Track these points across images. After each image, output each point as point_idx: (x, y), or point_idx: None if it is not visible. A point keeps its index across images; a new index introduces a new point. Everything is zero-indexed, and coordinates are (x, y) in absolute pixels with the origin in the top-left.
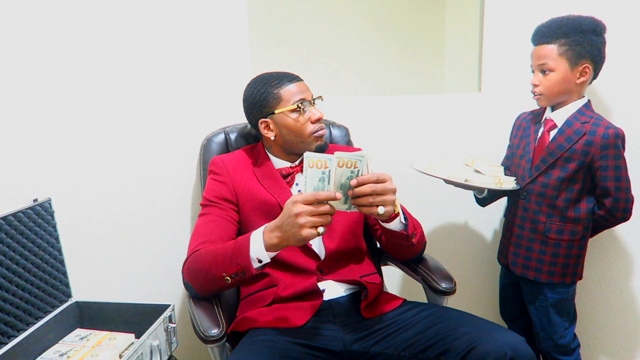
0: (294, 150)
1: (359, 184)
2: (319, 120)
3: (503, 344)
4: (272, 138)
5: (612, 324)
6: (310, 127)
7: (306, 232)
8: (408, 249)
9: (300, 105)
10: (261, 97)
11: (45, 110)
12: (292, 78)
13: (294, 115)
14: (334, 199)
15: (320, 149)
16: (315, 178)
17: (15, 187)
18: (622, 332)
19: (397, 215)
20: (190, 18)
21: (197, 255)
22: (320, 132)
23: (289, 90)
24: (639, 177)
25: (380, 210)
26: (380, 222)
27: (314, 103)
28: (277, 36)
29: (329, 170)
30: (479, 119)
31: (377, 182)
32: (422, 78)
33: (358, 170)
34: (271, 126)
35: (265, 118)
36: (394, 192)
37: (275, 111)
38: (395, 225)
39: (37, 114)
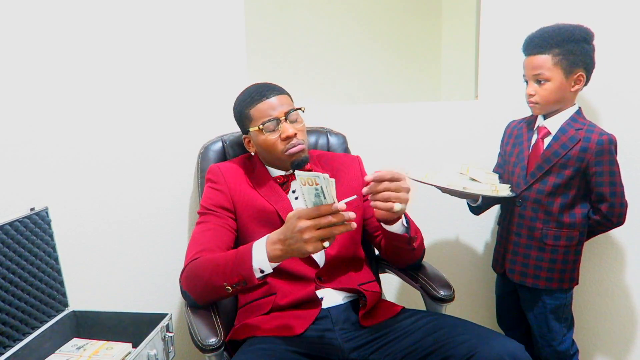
0: (275, 165)
1: (376, 180)
2: (289, 138)
3: (502, 352)
4: (253, 154)
5: (609, 329)
6: (281, 146)
7: (311, 247)
8: (408, 254)
9: (261, 126)
10: (238, 115)
11: (42, 119)
12: (262, 95)
13: (262, 135)
14: (337, 210)
15: (297, 166)
16: (312, 194)
17: (12, 196)
18: (619, 337)
19: (399, 217)
20: (188, 26)
21: (195, 264)
22: (291, 150)
23: (257, 109)
24: (630, 182)
25: (397, 207)
26: (383, 224)
27: (286, 119)
28: (274, 44)
29: (321, 187)
30: (475, 126)
31: (391, 179)
32: (419, 86)
33: (321, 187)
34: (251, 142)
35: (247, 134)
36: (408, 190)
37: (250, 129)
38: (397, 227)
39: (34, 123)
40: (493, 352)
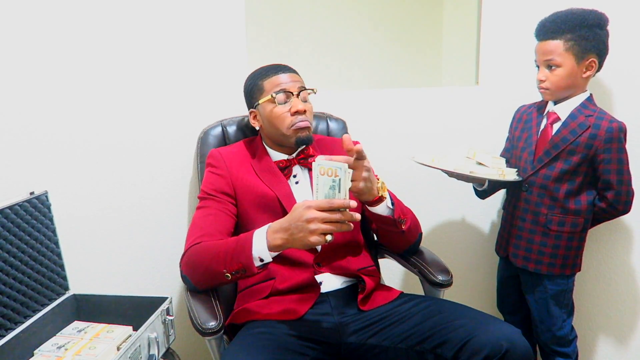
0: (278, 142)
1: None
2: (298, 112)
3: (499, 336)
4: (257, 128)
5: (609, 316)
6: (289, 120)
7: (315, 238)
8: (400, 237)
9: (273, 95)
10: (249, 88)
11: (42, 103)
12: (279, 69)
13: (271, 106)
14: (348, 206)
15: (301, 142)
16: (326, 186)
17: (12, 180)
18: (619, 325)
19: (381, 198)
20: (188, 11)
21: (196, 249)
22: (298, 125)
23: (271, 82)
24: (638, 171)
25: None
26: (367, 206)
27: (298, 95)
28: (274, 29)
29: (340, 179)
30: (476, 112)
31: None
32: (419, 71)
33: (339, 179)
34: (257, 117)
35: (254, 109)
36: (366, 169)
37: (260, 102)
38: (382, 209)
39: (35, 106)
40: (490, 337)
